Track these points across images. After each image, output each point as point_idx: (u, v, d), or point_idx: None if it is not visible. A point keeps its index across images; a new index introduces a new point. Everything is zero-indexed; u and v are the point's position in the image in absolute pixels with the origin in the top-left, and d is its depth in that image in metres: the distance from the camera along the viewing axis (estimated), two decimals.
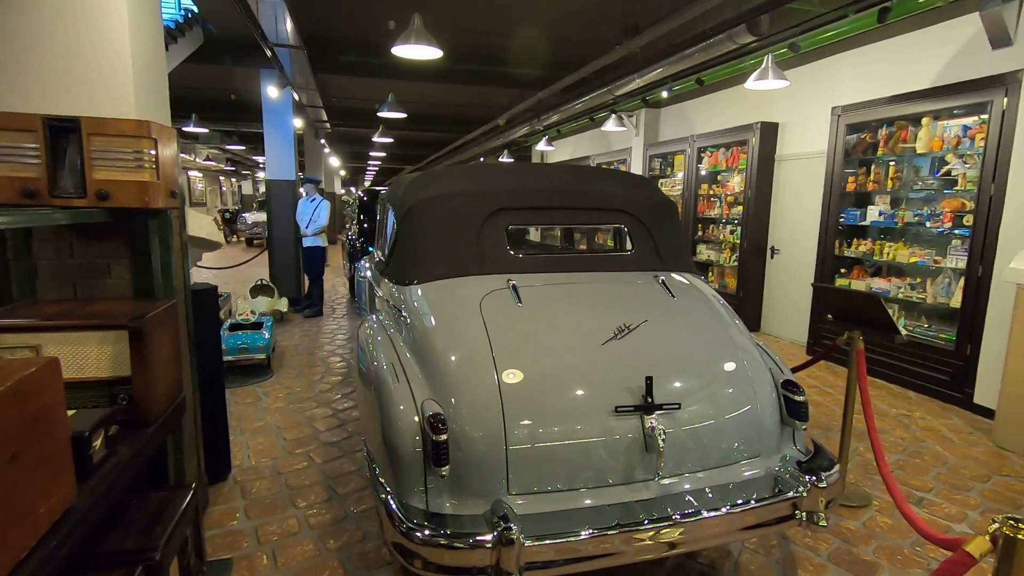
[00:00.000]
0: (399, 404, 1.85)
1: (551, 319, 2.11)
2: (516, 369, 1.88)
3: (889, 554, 2.44)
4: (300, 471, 3.12)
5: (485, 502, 1.72)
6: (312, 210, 7.11)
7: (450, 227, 2.38)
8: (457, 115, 11.11)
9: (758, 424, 2.03)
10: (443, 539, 1.60)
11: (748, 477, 1.94)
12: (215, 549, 2.41)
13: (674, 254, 2.60)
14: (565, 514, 1.72)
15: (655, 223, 2.61)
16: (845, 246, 5.36)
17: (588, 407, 1.86)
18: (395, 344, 2.19)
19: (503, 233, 2.40)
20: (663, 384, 1.92)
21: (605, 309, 2.17)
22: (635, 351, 2.00)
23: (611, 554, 1.66)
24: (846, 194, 5.31)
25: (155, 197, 1.90)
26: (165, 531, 1.82)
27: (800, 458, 2.04)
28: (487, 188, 2.50)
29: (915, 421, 3.96)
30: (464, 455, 1.76)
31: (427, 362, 1.98)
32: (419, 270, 2.35)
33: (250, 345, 4.76)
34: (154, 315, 1.85)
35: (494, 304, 2.11)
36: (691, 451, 1.90)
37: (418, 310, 2.21)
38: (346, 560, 2.34)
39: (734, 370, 2.08)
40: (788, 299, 6.30)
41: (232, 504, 2.77)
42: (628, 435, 1.84)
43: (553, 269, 2.39)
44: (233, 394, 4.35)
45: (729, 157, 7.06)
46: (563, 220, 2.52)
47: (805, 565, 2.35)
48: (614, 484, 1.83)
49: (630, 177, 2.83)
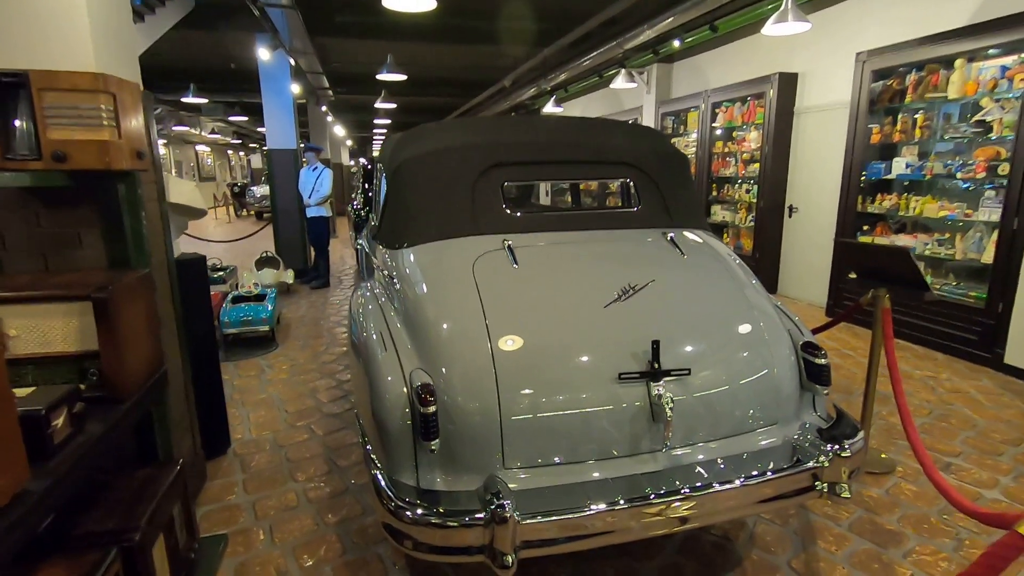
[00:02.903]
0: (387, 375, 1.73)
1: (549, 281, 1.96)
2: (511, 335, 1.74)
3: (915, 523, 2.30)
4: (301, 444, 3.05)
5: (479, 477, 1.60)
6: (314, 179, 6.95)
7: (442, 185, 2.21)
8: (461, 78, 10.76)
9: (775, 389, 1.87)
10: (434, 517, 1.49)
11: (764, 446, 1.80)
12: (211, 525, 2.35)
13: (685, 210, 2.41)
14: (566, 489, 1.60)
15: (663, 176, 2.42)
16: (868, 202, 5.09)
17: (589, 374, 1.72)
18: (385, 312, 2.05)
19: (499, 190, 2.23)
20: (671, 348, 1.77)
21: (608, 269, 2.01)
22: (641, 313, 1.85)
23: (616, 531, 1.54)
24: (870, 146, 5.01)
25: (117, 158, 1.75)
26: (147, 509, 1.74)
27: (821, 425, 1.89)
28: (481, 142, 2.32)
29: (941, 383, 3.78)
30: (456, 428, 1.64)
31: (416, 329, 1.85)
32: (409, 232, 2.20)
33: (253, 317, 4.69)
34: (122, 285, 1.73)
35: (488, 266, 1.96)
36: (702, 420, 1.76)
37: (407, 274, 2.07)
38: (344, 535, 2.27)
39: (750, 332, 1.92)
40: (807, 259, 6.06)
41: (231, 478, 2.71)
42: (633, 404, 1.70)
43: (552, 228, 2.22)
44: (236, 367, 4.29)
45: (745, 112, 6.72)
46: (564, 175, 2.34)
47: (824, 536, 2.23)
48: (619, 456, 1.70)
49: (636, 128, 2.62)
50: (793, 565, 2.07)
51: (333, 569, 2.08)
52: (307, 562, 2.12)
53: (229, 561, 2.13)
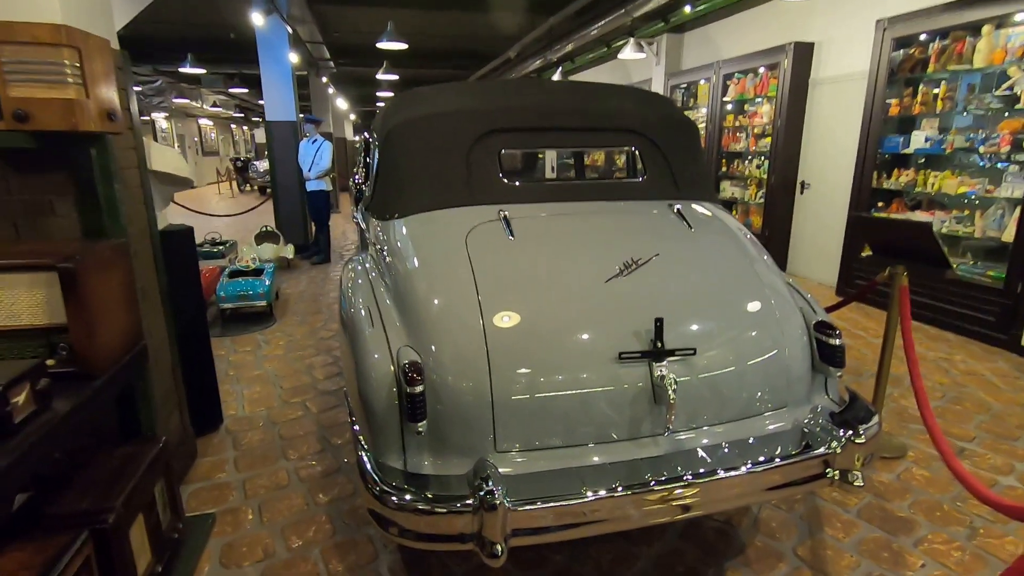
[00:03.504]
0: (373, 352, 1.63)
1: (547, 254, 1.84)
2: (504, 311, 1.64)
3: (927, 510, 2.21)
4: (294, 421, 2.98)
5: (470, 461, 1.51)
6: (314, 152, 6.80)
7: (434, 152, 2.08)
8: (465, 48, 10.48)
9: (786, 370, 1.77)
10: (420, 503, 1.40)
11: (773, 431, 1.70)
12: (199, 503, 2.29)
13: (693, 181, 2.28)
14: (561, 474, 1.51)
15: (671, 145, 2.28)
16: (884, 177, 4.91)
17: (587, 353, 1.61)
18: (375, 287, 1.95)
19: (495, 158, 2.10)
20: (676, 326, 1.66)
21: (610, 242, 1.89)
22: (644, 289, 1.73)
23: (613, 519, 1.46)
24: (888, 119, 4.81)
25: (84, 118, 1.64)
26: (126, 488, 1.67)
27: (833, 409, 1.79)
28: (478, 107, 2.18)
29: (955, 365, 3.66)
30: (445, 408, 1.54)
31: (406, 305, 1.75)
32: (400, 202, 2.08)
33: (250, 292, 4.61)
34: (92, 255, 1.63)
35: (482, 238, 1.84)
36: (707, 402, 1.66)
37: (397, 247, 1.96)
38: (335, 516, 2.20)
39: (760, 310, 1.81)
40: (818, 237, 5.89)
41: (222, 455, 2.65)
42: (634, 385, 1.60)
43: (552, 198, 2.09)
44: (233, 342, 4.23)
45: (758, 84, 6.48)
46: (565, 143, 2.20)
47: (832, 522, 2.15)
48: (618, 440, 1.61)
49: (643, 93, 2.47)
50: (799, 553, 1.99)
51: (322, 551, 2.02)
52: (295, 543, 2.06)
53: (216, 541, 2.07)
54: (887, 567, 1.92)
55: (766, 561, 1.95)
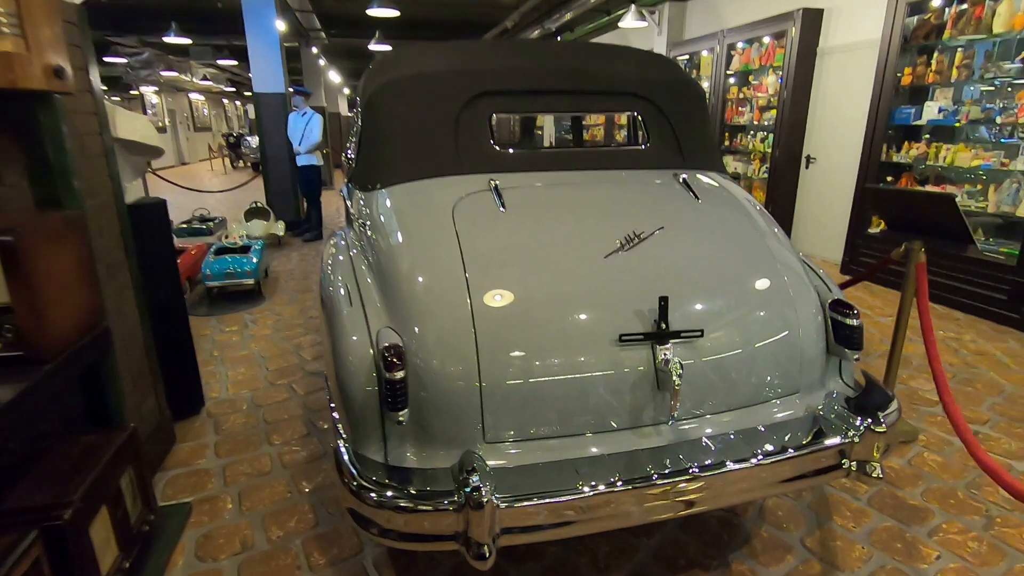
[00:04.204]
0: (351, 334, 1.49)
1: (541, 227, 1.69)
2: (494, 289, 1.49)
3: (940, 497, 2.11)
4: (280, 404, 2.86)
5: (457, 452, 1.38)
6: (304, 125, 6.58)
7: (420, 116, 1.91)
8: (460, 17, 10.14)
9: (799, 353, 1.64)
10: (402, 500, 1.28)
11: (784, 419, 1.58)
12: (176, 491, 2.18)
13: (700, 149, 2.12)
14: (555, 466, 1.39)
15: (676, 110, 2.11)
16: (893, 150, 4.73)
17: (584, 335, 1.48)
18: (356, 263, 1.80)
19: (486, 123, 1.93)
20: (681, 306, 1.52)
21: (610, 214, 1.74)
22: (647, 265, 1.59)
23: (612, 516, 1.33)
24: (900, 89, 4.61)
25: (24, 74, 1.47)
26: (86, 480, 1.55)
27: (848, 394, 1.67)
28: (467, 68, 2.01)
29: (965, 345, 3.55)
30: (429, 396, 1.41)
31: (387, 282, 1.60)
32: (382, 172, 1.92)
33: (237, 270, 4.45)
34: (38, 228, 1.47)
35: (470, 210, 1.69)
36: (714, 388, 1.53)
37: (379, 220, 1.81)
38: (318, 505, 2.09)
39: (772, 288, 1.67)
40: (823, 213, 5.73)
41: (202, 440, 2.53)
42: (636, 369, 1.47)
43: (547, 167, 1.94)
44: (219, 321, 4.09)
45: (763, 54, 6.25)
46: (562, 107, 2.03)
47: (841, 510, 2.04)
48: (618, 429, 1.48)
49: (646, 55, 2.29)
50: (807, 544, 1.89)
51: (303, 542, 1.91)
52: (276, 534, 1.95)
53: (191, 532, 1.96)
54: (901, 559, 1.81)
55: (773, 553, 1.85)
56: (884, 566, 1.79)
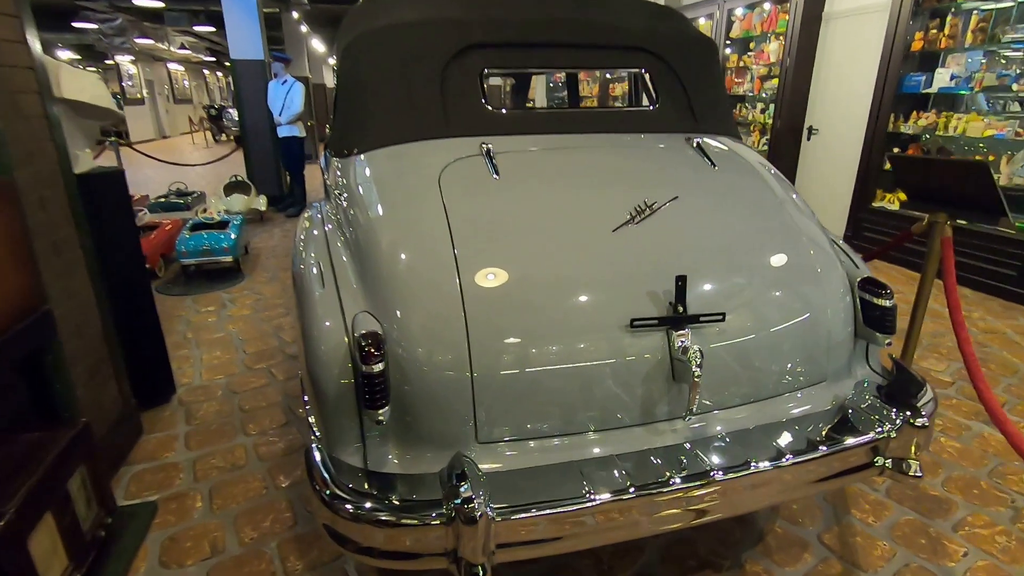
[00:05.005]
0: (323, 320, 1.30)
1: (540, 196, 1.50)
2: (487, 267, 1.30)
3: (962, 487, 1.98)
4: (257, 390, 2.68)
5: (447, 454, 1.21)
6: (284, 94, 6.25)
7: (402, 71, 1.69)
8: None
9: (826, 337, 1.47)
10: (382, 512, 1.11)
11: (811, 412, 1.42)
12: (141, 488, 2.00)
13: (713, 111, 1.92)
14: (557, 470, 1.22)
15: (688, 68, 1.90)
16: (901, 120, 4.54)
17: (590, 320, 1.30)
18: (331, 240, 1.60)
19: (476, 80, 1.71)
20: (700, 286, 1.34)
21: (618, 182, 1.55)
22: (661, 240, 1.41)
23: (623, 527, 1.17)
24: (910, 55, 4.40)
25: None
26: (24, 485, 1.36)
27: (879, 382, 1.51)
28: (455, 17, 1.78)
29: (974, 323, 3.42)
30: (413, 390, 1.23)
31: (365, 261, 1.41)
32: (360, 135, 1.70)
33: (213, 246, 4.22)
34: None
35: (459, 177, 1.49)
36: (736, 378, 1.36)
37: (356, 189, 1.60)
38: (296, 502, 1.92)
39: (798, 264, 1.49)
40: (824, 187, 5.55)
41: (172, 431, 2.35)
42: (649, 358, 1.29)
43: (546, 129, 1.73)
44: (195, 301, 3.87)
45: (765, 20, 5.98)
46: (560, 62, 1.82)
47: (859, 503, 1.91)
48: (629, 425, 1.31)
49: (654, 6, 2.06)
50: (825, 540, 1.75)
51: (279, 544, 1.75)
52: (249, 535, 1.78)
53: (156, 535, 1.79)
54: (926, 557, 1.69)
55: (789, 551, 1.71)
56: (908, 564, 1.66)
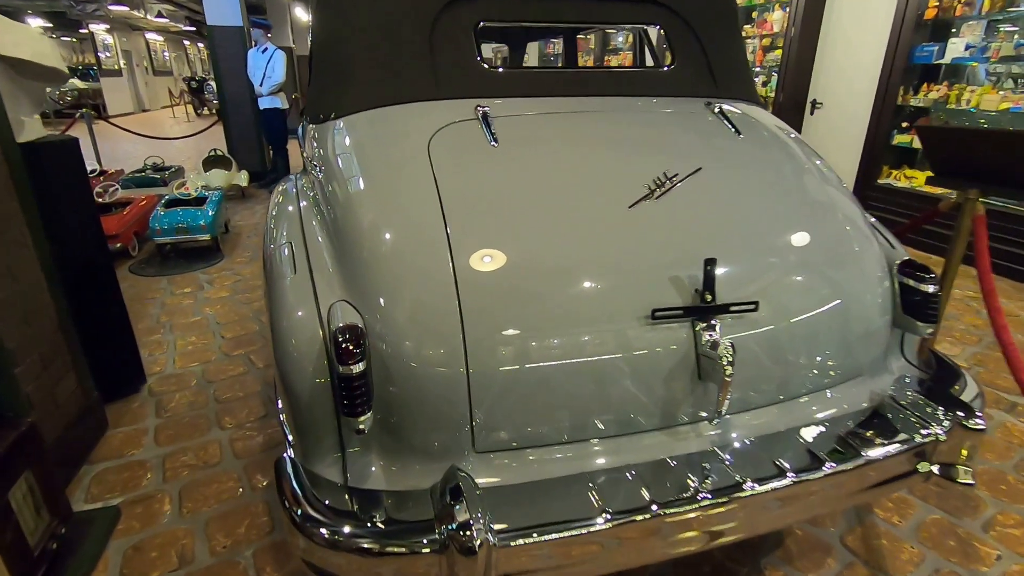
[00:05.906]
0: (294, 309, 1.11)
1: (545, 167, 1.31)
2: (484, 249, 1.12)
3: (989, 482, 1.86)
4: (235, 379, 2.49)
5: (438, 468, 1.04)
6: (265, 63, 5.93)
7: (385, 25, 1.48)
8: None
9: (864, 326, 1.31)
10: (364, 539, 0.94)
11: (847, 412, 1.26)
12: (103, 490, 1.83)
13: (734, 74, 1.73)
14: (567, 484, 1.06)
15: (707, 25, 1.70)
16: (910, 93, 4.36)
17: (603, 310, 1.12)
18: (305, 217, 1.41)
19: (470, 35, 1.50)
20: (729, 271, 1.17)
21: (633, 152, 1.37)
22: (684, 218, 1.23)
23: (642, 550, 1.02)
24: (922, 23, 4.19)
25: None
26: None
27: (921, 377, 1.36)
28: None
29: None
30: (400, 392, 1.06)
31: (343, 241, 1.22)
32: (338, 96, 1.50)
33: (189, 224, 3.98)
34: None
35: (452, 144, 1.29)
36: (769, 375, 1.21)
37: (334, 159, 1.41)
38: (275, 505, 1.76)
39: (835, 245, 1.32)
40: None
41: (140, 425, 2.17)
42: (673, 354, 1.13)
43: (550, 91, 1.53)
44: (170, 282, 3.66)
45: None
46: (566, 15, 1.61)
47: (881, 501, 1.78)
48: (648, 429, 1.15)
49: None
50: (848, 543, 1.62)
51: (255, 553, 1.59)
52: (221, 543, 1.62)
53: (118, 543, 1.62)
54: (957, 561, 1.56)
55: (811, 556, 1.58)
56: (939, 569, 1.54)
